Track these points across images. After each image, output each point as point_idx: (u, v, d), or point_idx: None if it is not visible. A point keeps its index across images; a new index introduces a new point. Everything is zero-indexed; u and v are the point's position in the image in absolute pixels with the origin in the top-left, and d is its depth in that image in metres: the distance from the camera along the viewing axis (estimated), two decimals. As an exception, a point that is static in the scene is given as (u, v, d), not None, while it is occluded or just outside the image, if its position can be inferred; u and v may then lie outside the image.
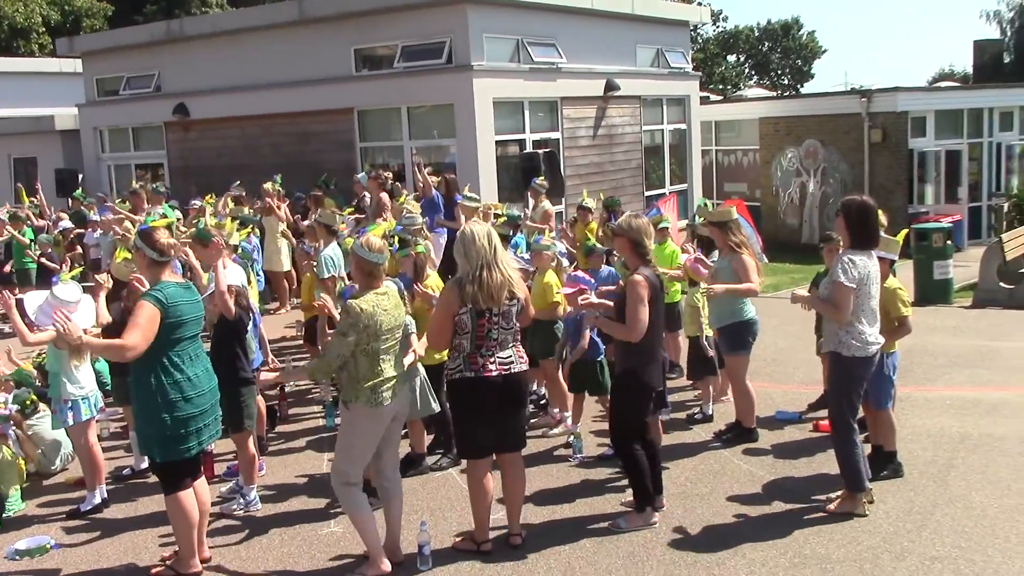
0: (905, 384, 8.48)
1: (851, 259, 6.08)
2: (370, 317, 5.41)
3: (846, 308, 6.05)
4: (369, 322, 5.40)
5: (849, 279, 6.01)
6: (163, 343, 5.47)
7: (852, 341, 6.12)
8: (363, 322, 5.38)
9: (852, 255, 6.10)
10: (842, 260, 6.09)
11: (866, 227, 6.17)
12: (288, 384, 10.07)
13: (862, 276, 6.08)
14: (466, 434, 5.86)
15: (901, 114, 21.62)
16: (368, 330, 5.40)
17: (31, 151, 23.66)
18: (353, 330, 5.37)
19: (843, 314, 6.06)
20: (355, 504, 5.59)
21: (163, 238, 5.70)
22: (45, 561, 6.28)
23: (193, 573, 5.84)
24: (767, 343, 9.99)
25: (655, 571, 5.61)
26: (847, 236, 6.22)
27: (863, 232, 6.16)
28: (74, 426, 6.97)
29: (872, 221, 6.19)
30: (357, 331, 5.38)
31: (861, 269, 6.08)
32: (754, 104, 26.49)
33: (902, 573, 5.44)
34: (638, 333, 5.96)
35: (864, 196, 6.40)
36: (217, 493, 7.11)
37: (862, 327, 6.12)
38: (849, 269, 6.03)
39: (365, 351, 5.43)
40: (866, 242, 6.17)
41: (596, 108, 18.33)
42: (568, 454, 7.70)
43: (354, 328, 5.37)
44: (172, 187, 19.22)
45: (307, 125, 17.72)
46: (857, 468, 6.27)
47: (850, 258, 6.08)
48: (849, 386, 6.24)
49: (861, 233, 6.16)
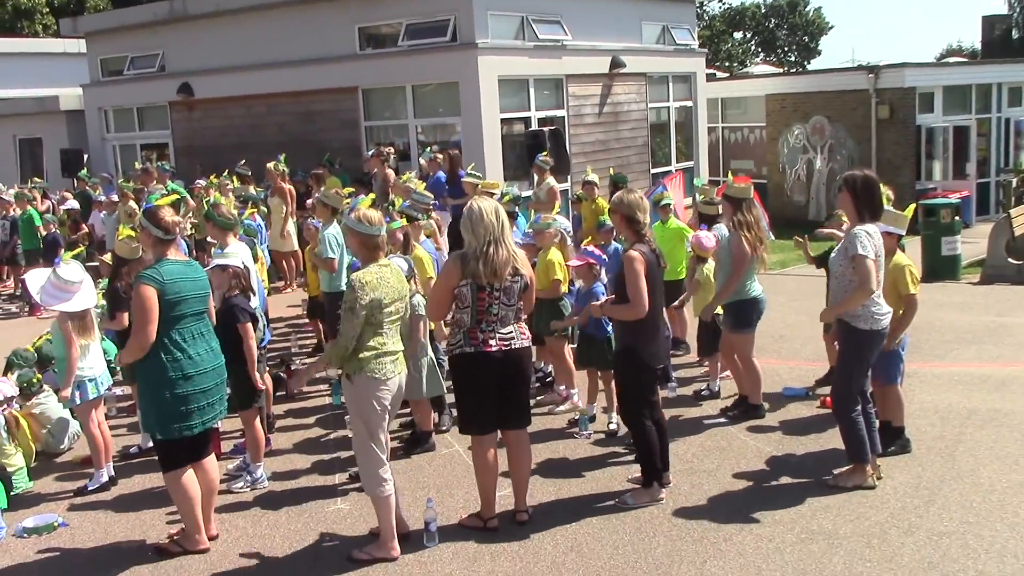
0: (913, 360, 8.43)
1: (866, 231, 6.03)
2: (374, 289, 5.39)
3: (872, 279, 5.97)
4: (373, 294, 5.38)
5: (870, 251, 5.97)
6: (164, 321, 5.47)
7: (866, 313, 6.09)
8: (368, 294, 5.36)
9: (867, 227, 6.05)
10: (857, 234, 6.03)
11: (872, 200, 6.13)
12: (295, 362, 10.09)
13: (877, 247, 6.05)
14: (469, 410, 5.84)
15: (909, 90, 21.46)
16: (372, 302, 5.38)
17: (36, 132, 23.65)
18: (360, 304, 5.35)
19: (872, 286, 5.98)
20: (376, 485, 5.55)
21: (168, 216, 5.68)
22: (53, 539, 6.30)
23: (200, 549, 5.86)
24: (774, 320, 9.95)
25: (662, 547, 5.61)
26: (853, 211, 6.17)
27: (870, 205, 6.13)
28: (80, 405, 6.97)
29: (877, 193, 6.16)
30: (363, 305, 5.35)
31: (876, 240, 6.04)
32: (760, 81, 26.32)
33: (910, 548, 5.42)
34: (642, 309, 5.93)
35: (866, 170, 6.35)
36: (224, 471, 7.13)
37: (874, 299, 6.09)
38: (867, 241, 5.98)
39: (370, 322, 5.41)
40: (873, 214, 6.13)
41: (601, 85, 18.22)
42: (574, 431, 7.69)
43: (360, 302, 5.34)
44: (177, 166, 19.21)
45: (311, 104, 17.65)
46: (862, 440, 6.25)
47: (865, 230, 6.03)
48: (858, 358, 6.21)
49: (868, 206, 6.12)
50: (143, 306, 5.41)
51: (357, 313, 5.36)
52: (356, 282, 5.40)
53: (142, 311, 5.42)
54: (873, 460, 6.35)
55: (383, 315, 5.45)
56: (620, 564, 5.42)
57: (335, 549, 5.84)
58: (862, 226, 6.07)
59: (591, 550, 5.62)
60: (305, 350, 10.83)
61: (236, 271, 6.86)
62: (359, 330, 5.39)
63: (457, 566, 5.51)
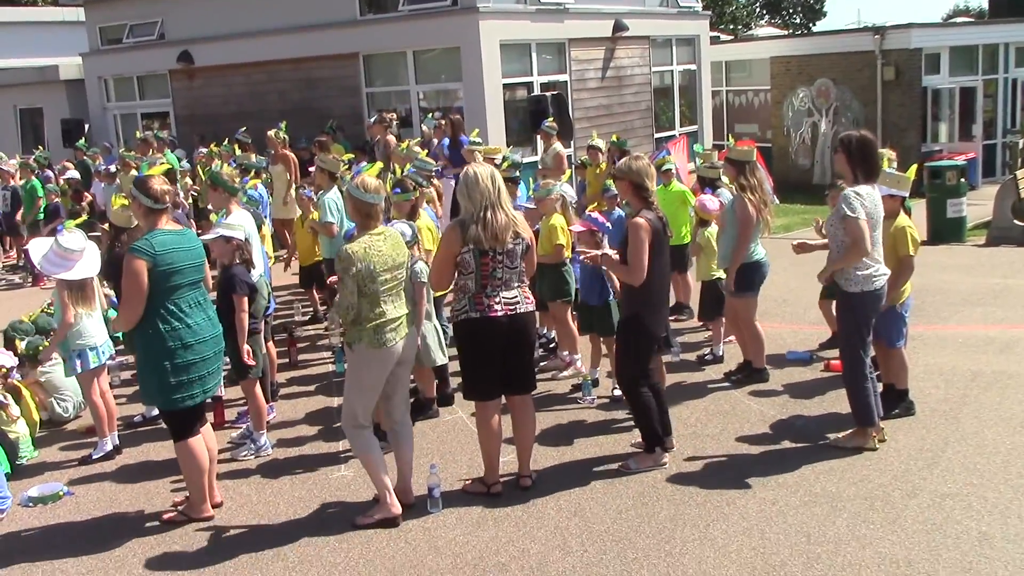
0: (917, 322, 8.42)
1: (857, 192, 5.99)
2: (362, 259, 5.35)
3: (863, 241, 5.95)
4: (361, 265, 5.35)
5: (860, 212, 5.93)
6: (159, 291, 5.45)
7: (859, 275, 6.06)
8: (355, 265, 5.33)
9: (858, 188, 6.01)
10: (847, 196, 5.99)
11: (867, 160, 6.09)
12: (298, 330, 10.09)
13: (871, 209, 6.00)
14: (473, 376, 5.83)
15: (915, 51, 21.26)
16: (361, 273, 5.35)
17: (37, 101, 23.55)
18: (347, 275, 5.33)
19: (862, 248, 5.96)
20: (365, 446, 5.60)
21: (158, 185, 5.64)
22: (58, 508, 6.32)
23: (205, 517, 5.88)
24: (778, 284, 9.93)
25: (665, 511, 5.61)
26: (849, 171, 6.14)
27: (865, 165, 6.08)
28: (82, 374, 6.98)
29: (872, 153, 6.11)
30: (352, 275, 5.33)
31: (868, 202, 6.00)
32: (765, 43, 26.05)
33: (913, 510, 5.42)
34: (640, 276, 5.90)
35: (862, 130, 6.29)
36: (228, 439, 7.15)
37: (869, 261, 6.06)
38: (856, 203, 5.94)
39: (364, 293, 5.39)
40: (868, 175, 6.09)
41: (604, 49, 18.06)
42: (578, 396, 7.69)
43: (347, 272, 5.33)
44: (179, 135, 19.13)
45: (312, 71, 17.53)
46: (868, 403, 6.24)
47: (856, 191, 5.99)
48: (858, 321, 6.19)
49: (863, 166, 6.08)
50: (133, 279, 5.39)
51: (346, 283, 5.35)
52: (343, 253, 5.39)
53: (131, 284, 5.41)
54: (876, 424, 6.34)
55: (376, 285, 5.41)
56: (624, 528, 5.43)
57: (339, 515, 5.86)
58: (854, 187, 6.03)
59: (594, 515, 5.63)
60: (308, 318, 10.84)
61: (239, 243, 6.82)
62: (354, 298, 5.37)
63: (461, 531, 5.53)
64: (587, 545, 5.27)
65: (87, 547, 5.67)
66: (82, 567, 5.44)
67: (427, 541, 5.44)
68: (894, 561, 4.90)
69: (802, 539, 5.18)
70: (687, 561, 5.04)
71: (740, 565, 4.96)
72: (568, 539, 5.35)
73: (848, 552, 5.01)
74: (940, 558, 4.90)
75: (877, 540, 5.12)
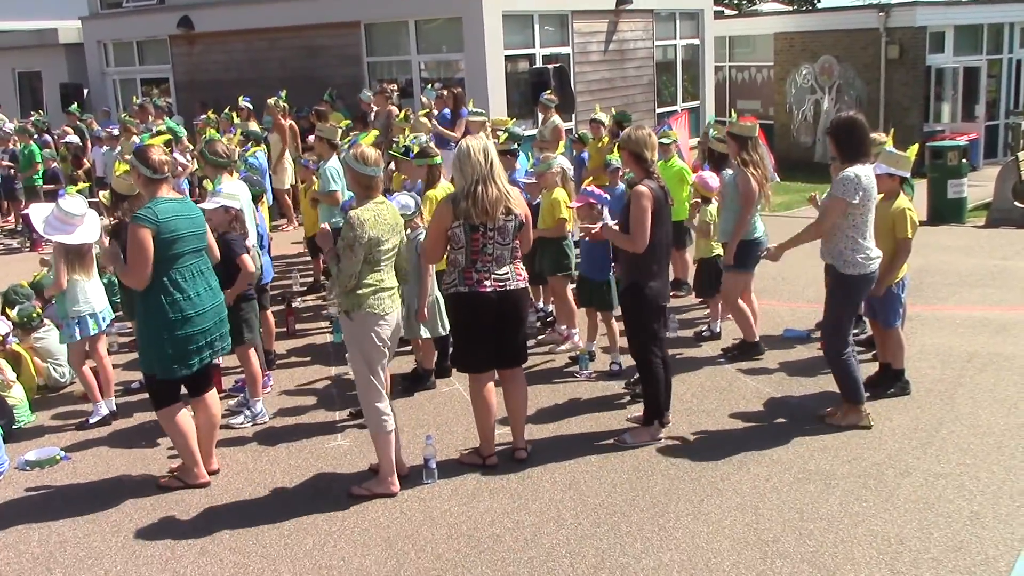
0: (915, 303, 8.42)
1: (856, 174, 5.98)
2: (372, 226, 5.36)
3: (829, 221, 6.08)
4: (372, 231, 5.34)
5: (852, 195, 5.95)
6: (161, 259, 5.45)
7: (857, 258, 6.07)
8: (367, 233, 5.32)
9: (856, 170, 6.00)
10: (843, 178, 6.00)
11: (852, 143, 6.11)
12: (296, 300, 10.09)
13: (867, 191, 6.01)
14: (464, 349, 5.85)
15: (919, 29, 21.15)
16: (371, 240, 5.34)
17: (36, 65, 23.40)
18: (358, 242, 5.31)
19: (825, 226, 6.12)
20: (377, 420, 5.58)
21: (156, 155, 5.62)
22: (55, 472, 6.35)
23: (200, 483, 5.91)
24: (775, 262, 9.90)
25: (660, 485, 5.64)
26: (837, 154, 6.21)
27: (850, 148, 6.10)
28: (73, 343, 6.98)
29: (857, 135, 6.11)
30: (362, 244, 5.32)
31: (866, 183, 6.01)
32: (769, 19, 25.91)
33: (906, 489, 5.45)
34: (642, 243, 5.89)
35: (850, 112, 6.32)
36: (225, 407, 7.16)
37: (865, 243, 6.08)
38: (848, 185, 5.96)
39: (367, 260, 5.38)
40: (854, 156, 6.08)
41: (607, 22, 17.94)
42: (574, 370, 7.71)
43: (358, 240, 5.31)
44: (178, 102, 19.02)
45: (313, 39, 17.41)
46: (856, 379, 6.29)
47: (855, 173, 5.98)
48: (847, 302, 6.25)
49: (849, 149, 6.10)
50: (138, 247, 5.39)
51: (356, 251, 5.33)
52: (355, 220, 5.35)
53: (136, 252, 5.40)
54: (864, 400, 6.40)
55: (380, 252, 5.42)
56: (618, 502, 5.46)
57: (335, 484, 5.88)
58: (852, 168, 6.02)
59: (589, 488, 5.65)
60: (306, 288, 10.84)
61: (237, 214, 6.82)
62: (359, 267, 5.36)
63: (456, 503, 5.55)
64: (581, 518, 5.30)
65: (83, 511, 5.70)
66: (78, 530, 5.47)
67: (423, 511, 5.47)
68: (886, 539, 4.93)
69: (795, 515, 5.21)
70: (680, 535, 5.07)
71: (733, 540, 4.99)
72: (562, 512, 5.38)
73: (840, 529, 5.05)
74: (931, 536, 4.93)
75: (869, 518, 5.15)
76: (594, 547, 5.00)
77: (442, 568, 4.88)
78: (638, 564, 4.82)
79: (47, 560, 5.17)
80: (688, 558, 4.85)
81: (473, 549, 5.04)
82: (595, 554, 4.93)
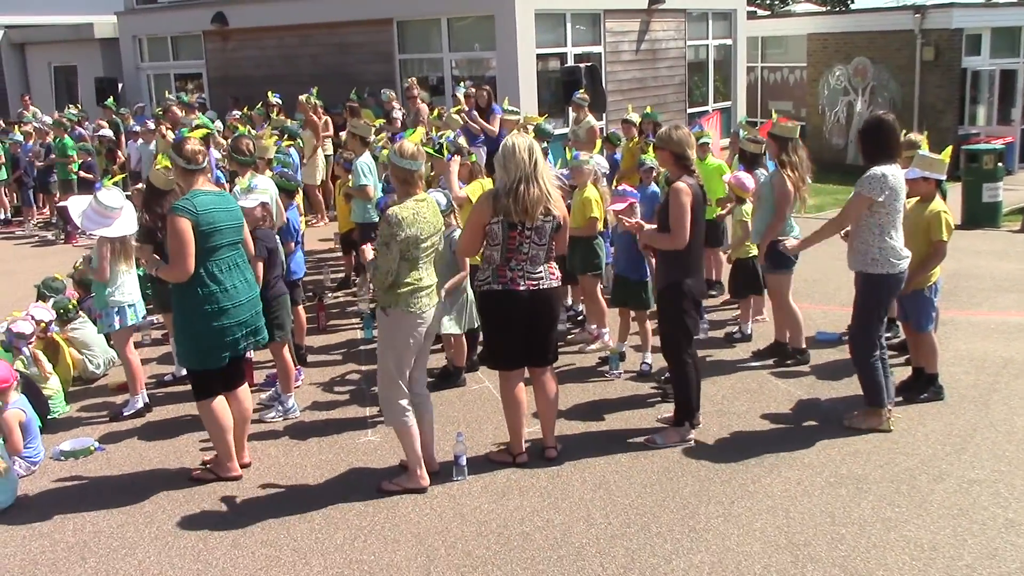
0: (949, 307, 8.35)
1: (883, 173, 5.98)
2: (411, 224, 5.34)
3: (849, 216, 6.10)
4: (409, 230, 5.34)
5: (878, 193, 5.94)
6: (200, 251, 5.48)
7: (886, 257, 6.04)
8: (404, 231, 5.32)
9: (883, 168, 5.99)
10: (873, 175, 5.99)
11: (878, 143, 6.09)
12: (327, 296, 10.15)
13: (895, 190, 5.99)
14: (496, 346, 5.85)
15: (955, 31, 20.91)
16: (408, 238, 5.34)
17: (71, 59, 23.65)
18: (394, 240, 5.31)
19: (843, 222, 6.17)
20: (399, 416, 5.60)
21: (191, 146, 5.67)
22: (89, 462, 6.42)
23: (232, 476, 5.95)
24: (809, 263, 9.84)
25: (690, 487, 5.62)
26: (862, 154, 6.21)
27: (876, 147, 6.09)
28: (119, 331, 7.06)
29: (884, 134, 6.09)
30: (398, 240, 5.32)
31: (892, 182, 5.99)
32: (802, 19, 25.67)
33: (939, 495, 5.40)
34: (683, 240, 5.87)
35: (881, 112, 6.31)
36: (257, 401, 7.22)
37: (892, 241, 6.05)
38: (877, 184, 5.95)
39: (405, 258, 5.38)
40: (880, 156, 6.06)
41: (640, 21, 17.89)
42: (605, 370, 7.70)
43: (395, 238, 5.31)
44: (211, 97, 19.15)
45: (346, 36, 17.49)
46: (879, 383, 6.25)
47: (882, 172, 5.97)
48: (876, 302, 6.21)
49: (874, 148, 6.09)
50: (179, 238, 5.42)
51: (392, 248, 5.32)
52: (393, 217, 5.34)
53: (178, 243, 5.43)
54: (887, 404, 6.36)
55: (419, 251, 5.41)
56: (648, 503, 5.45)
57: (365, 480, 5.91)
58: (880, 167, 6.00)
59: (619, 488, 5.65)
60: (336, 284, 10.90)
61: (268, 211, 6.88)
62: (395, 264, 5.36)
63: (486, 500, 5.56)
64: (611, 518, 5.30)
65: (117, 502, 5.77)
66: (112, 521, 5.53)
67: (453, 508, 5.48)
68: (919, 545, 4.89)
69: (827, 519, 5.18)
70: (711, 537, 5.05)
71: (764, 543, 4.97)
72: (592, 511, 5.38)
73: (873, 534, 5.01)
74: (966, 543, 4.89)
75: (902, 523, 5.11)
76: (624, 547, 4.99)
77: (472, 565, 4.89)
78: (668, 565, 4.81)
79: (81, 549, 5.23)
80: (719, 560, 4.84)
81: (503, 547, 5.05)
82: (625, 554, 4.93)
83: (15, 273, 12.27)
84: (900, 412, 6.56)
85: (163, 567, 5.01)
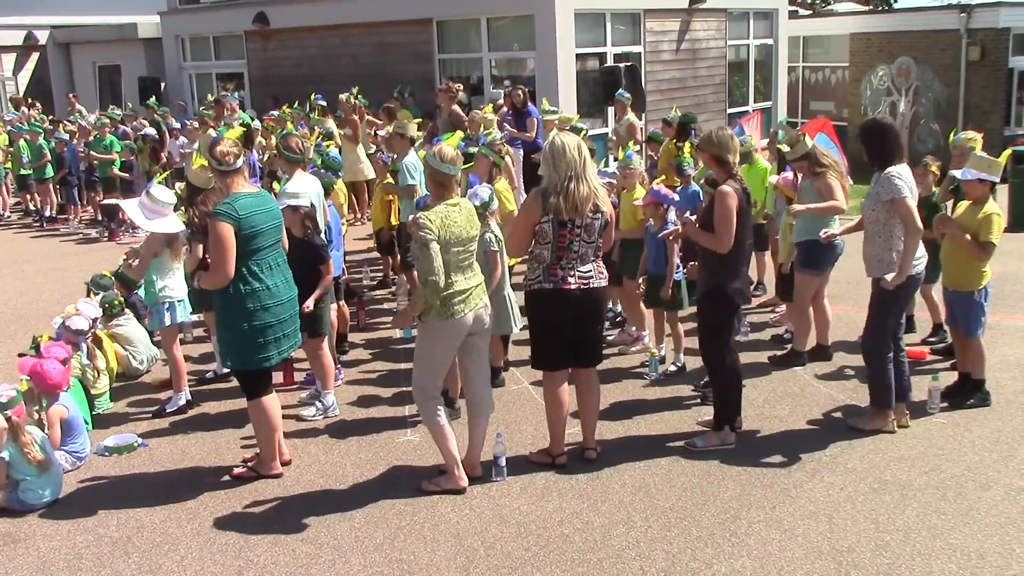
0: (996, 312, 8.20)
1: (899, 173, 5.96)
2: (441, 227, 5.32)
3: (916, 221, 5.97)
4: (439, 234, 5.31)
5: (905, 191, 5.91)
6: (242, 254, 5.51)
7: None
8: (432, 236, 5.26)
9: (897, 169, 5.98)
10: (888, 178, 5.95)
11: (880, 146, 6.07)
12: (366, 293, 10.19)
13: (912, 189, 6.01)
14: (542, 346, 5.83)
15: (1003, 31, 20.57)
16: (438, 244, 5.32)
17: (115, 59, 23.97)
18: (426, 247, 5.26)
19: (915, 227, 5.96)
20: (433, 417, 5.61)
21: (224, 147, 5.68)
22: (133, 458, 6.49)
23: (274, 475, 5.99)
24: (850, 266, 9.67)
25: (731, 491, 5.57)
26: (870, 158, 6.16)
27: (882, 151, 6.06)
28: (166, 328, 7.13)
29: (881, 138, 6.07)
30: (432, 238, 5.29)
31: (908, 181, 5.98)
32: (845, 19, 25.40)
33: (986, 503, 5.31)
34: (726, 243, 5.83)
35: (880, 117, 6.26)
36: (297, 399, 7.26)
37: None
38: (904, 184, 5.93)
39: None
40: (887, 159, 6.03)
41: (680, 21, 17.80)
42: (644, 372, 7.66)
43: (427, 237, 5.25)
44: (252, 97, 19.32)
45: (386, 36, 17.56)
46: (888, 385, 6.22)
47: (898, 172, 5.96)
48: (892, 305, 6.17)
49: (880, 152, 6.06)
50: (221, 243, 5.46)
51: (431, 246, 5.30)
52: (421, 221, 5.33)
53: (220, 247, 5.47)
54: (900, 407, 6.31)
55: (448, 256, 5.37)
56: (688, 506, 5.41)
57: (405, 479, 5.92)
58: (893, 168, 5.97)
59: (659, 491, 5.61)
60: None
61: (307, 212, 6.88)
62: (439, 262, 5.33)
63: (525, 501, 5.55)
64: (651, 521, 5.27)
65: (160, 497, 5.82)
66: (155, 517, 5.58)
67: (492, 509, 5.48)
68: (966, 553, 4.81)
69: (871, 526, 5.12)
70: (752, 542, 5.01)
71: (807, 549, 4.92)
72: (632, 514, 5.35)
73: (918, 541, 4.94)
74: (1013, 552, 4.80)
75: (948, 531, 5.03)
76: (664, 551, 4.96)
77: (511, 566, 4.88)
78: (709, 570, 4.77)
79: (125, 544, 5.29)
80: (760, 565, 4.79)
81: (542, 548, 5.03)
82: (665, 558, 4.89)
83: (63, 270, 12.45)
84: (946, 418, 6.47)
85: (205, 563, 5.06)
